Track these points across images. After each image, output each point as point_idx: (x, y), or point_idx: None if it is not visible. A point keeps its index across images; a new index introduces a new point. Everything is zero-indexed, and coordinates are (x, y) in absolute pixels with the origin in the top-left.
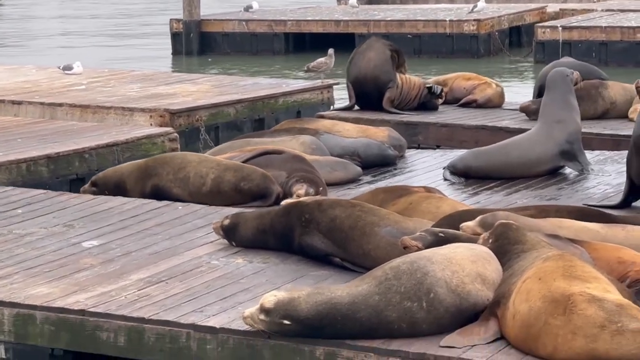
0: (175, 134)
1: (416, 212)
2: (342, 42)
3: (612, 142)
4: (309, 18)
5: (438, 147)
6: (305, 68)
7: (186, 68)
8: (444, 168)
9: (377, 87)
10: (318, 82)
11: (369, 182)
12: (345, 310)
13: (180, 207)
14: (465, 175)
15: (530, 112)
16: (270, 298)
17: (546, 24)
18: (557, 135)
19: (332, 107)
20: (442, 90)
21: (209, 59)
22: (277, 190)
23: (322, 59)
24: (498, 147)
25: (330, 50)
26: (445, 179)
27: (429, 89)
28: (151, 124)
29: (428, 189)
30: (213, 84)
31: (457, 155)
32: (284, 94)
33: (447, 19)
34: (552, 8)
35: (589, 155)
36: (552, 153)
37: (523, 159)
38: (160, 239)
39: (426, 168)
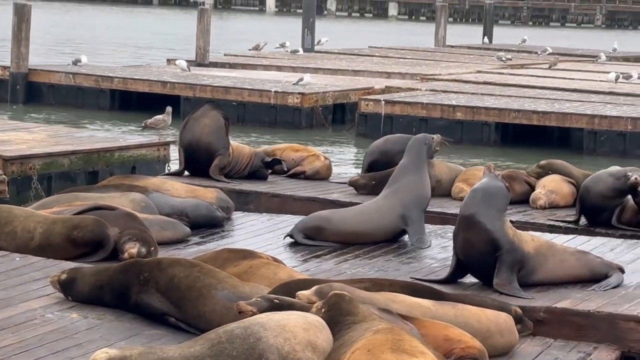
0: (4, 176)
1: (255, 277)
2: (168, 103)
3: (440, 220)
4: (136, 77)
5: None
6: (143, 124)
7: (10, 117)
8: (288, 235)
9: (209, 153)
10: (155, 139)
11: (198, 243)
12: None
13: (17, 259)
14: (315, 236)
15: (359, 186)
16: (101, 355)
17: (369, 97)
18: (405, 200)
19: (167, 165)
20: (273, 161)
21: (18, 110)
22: (112, 234)
23: (159, 116)
24: (353, 210)
25: (168, 109)
26: (298, 242)
27: (276, 160)
28: None
29: (275, 259)
30: (49, 134)
31: (295, 219)
32: (120, 148)
33: (273, 90)
34: (378, 85)
35: None
36: (397, 216)
37: (378, 222)
38: None
39: (254, 231)
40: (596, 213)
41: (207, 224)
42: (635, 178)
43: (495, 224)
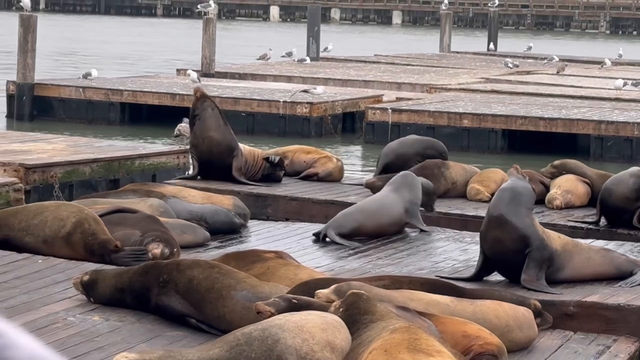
0: (21, 185)
1: (274, 277)
2: (179, 115)
3: (460, 222)
4: (146, 89)
5: (287, 220)
6: (176, 132)
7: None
8: (321, 235)
9: (222, 156)
10: (175, 147)
11: (217, 247)
12: None
13: (40, 261)
14: (352, 234)
15: (376, 188)
16: None
17: (376, 105)
18: (406, 196)
19: (187, 173)
20: (280, 160)
21: (28, 126)
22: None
23: (187, 125)
24: (372, 205)
25: (185, 119)
26: (337, 243)
27: (266, 159)
28: None
29: (279, 254)
30: (68, 144)
31: (334, 220)
32: (140, 157)
33: (282, 100)
34: (387, 97)
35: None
36: (404, 210)
37: (395, 215)
38: (18, 292)
39: (273, 237)
40: (618, 214)
41: (225, 230)
42: None
43: (525, 221)
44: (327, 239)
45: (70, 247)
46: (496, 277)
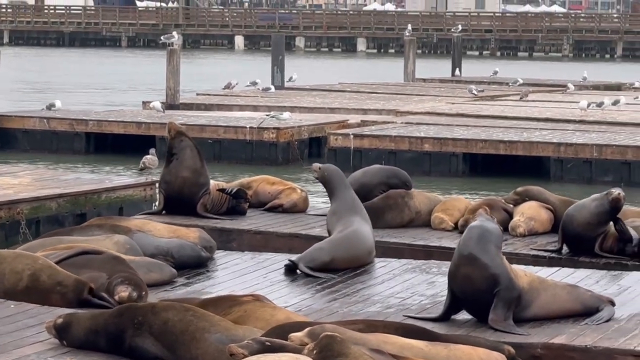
0: None
1: (250, 320)
2: (144, 144)
3: (424, 253)
4: (111, 119)
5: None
6: (141, 165)
7: None
8: (290, 264)
9: (192, 196)
10: (141, 179)
11: (185, 285)
12: None
13: (12, 306)
14: (323, 268)
15: None
16: None
17: (338, 131)
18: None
19: (154, 205)
20: (238, 191)
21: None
22: (95, 286)
23: (151, 156)
24: (346, 237)
25: (152, 150)
26: (307, 275)
27: (222, 190)
28: None
29: (256, 297)
30: (34, 177)
31: (307, 252)
32: (107, 190)
33: (248, 126)
34: (354, 119)
35: (398, 263)
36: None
37: (366, 246)
38: None
39: (240, 271)
40: (580, 242)
41: (192, 264)
42: (618, 193)
43: (496, 259)
44: (298, 271)
45: (36, 297)
46: (464, 315)
